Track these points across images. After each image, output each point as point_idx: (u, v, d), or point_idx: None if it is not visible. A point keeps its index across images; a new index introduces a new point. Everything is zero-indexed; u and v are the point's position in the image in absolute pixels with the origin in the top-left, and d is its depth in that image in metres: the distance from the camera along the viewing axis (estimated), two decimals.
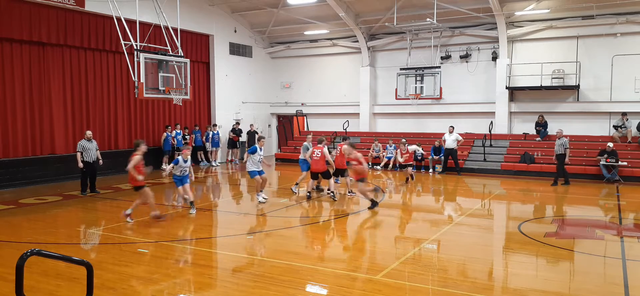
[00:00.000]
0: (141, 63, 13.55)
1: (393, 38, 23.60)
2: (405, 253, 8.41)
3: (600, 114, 19.72)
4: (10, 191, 14.83)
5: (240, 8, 23.39)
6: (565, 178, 16.20)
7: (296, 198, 13.73)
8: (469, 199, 14.97)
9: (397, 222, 11.57)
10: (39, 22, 16.10)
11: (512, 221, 11.82)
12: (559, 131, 16.42)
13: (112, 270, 7.34)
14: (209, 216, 11.71)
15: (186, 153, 11.46)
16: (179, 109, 21.09)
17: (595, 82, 19.76)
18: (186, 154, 11.39)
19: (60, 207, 12.59)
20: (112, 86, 19.06)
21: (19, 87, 16.03)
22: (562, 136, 16.06)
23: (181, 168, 11.31)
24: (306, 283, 6.94)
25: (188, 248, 8.95)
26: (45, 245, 8.78)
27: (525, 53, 20.95)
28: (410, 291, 6.57)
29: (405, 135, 21.83)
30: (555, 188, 15.84)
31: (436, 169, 19.74)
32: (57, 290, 6.59)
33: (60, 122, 17.24)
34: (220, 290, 6.83)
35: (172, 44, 15.15)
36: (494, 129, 20.75)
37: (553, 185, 16.07)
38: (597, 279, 7.36)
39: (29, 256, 3.72)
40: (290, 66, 26.78)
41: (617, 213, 12.30)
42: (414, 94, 21.33)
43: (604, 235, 9.98)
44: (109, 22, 16.02)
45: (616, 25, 19.14)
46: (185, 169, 11.36)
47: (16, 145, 16.03)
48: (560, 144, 15.96)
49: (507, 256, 8.71)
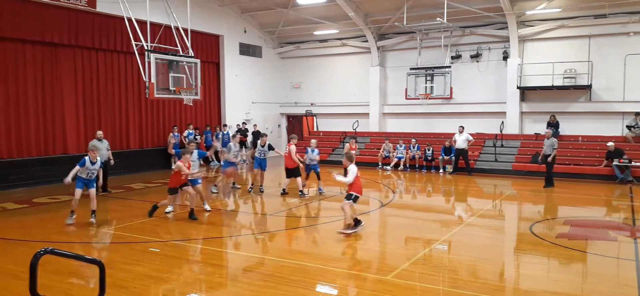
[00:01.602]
0: (152, 63, 13.62)
1: (403, 38, 23.53)
2: (416, 254, 8.38)
3: (612, 114, 19.52)
4: (23, 190, 14.99)
5: (250, 8, 23.45)
6: (549, 179, 15.80)
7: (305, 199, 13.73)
8: (479, 199, 14.87)
9: (408, 222, 11.53)
10: (51, 23, 16.25)
11: (524, 222, 11.74)
12: (547, 131, 16.45)
13: (123, 269, 7.39)
14: (219, 216, 11.74)
15: (94, 155, 10.44)
16: (189, 109, 21.18)
17: (607, 82, 19.56)
18: (94, 157, 10.43)
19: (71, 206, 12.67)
20: (123, 86, 19.20)
21: (31, 88, 16.20)
22: (552, 137, 15.91)
23: (88, 171, 10.38)
24: (316, 283, 6.94)
25: (199, 248, 8.99)
26: (58, 244, 8.87)
27: (536, 53, 20.78)
28: (421, 292, 6.55)
29: (415, 135, 21.79)
30: (551, 189, 15.50)
31: (447, 170, 19.65)
32: (70, 288, 6.65)
33: (72, 122, 17.40)
34: (231, 290, 6.84)
35: (182, 45, 15.22)
36: (505, 129, 20.60)
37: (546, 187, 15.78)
38: (609, 281, 7.28)
39: (42, 255, 3.75)
40: (300, 66, 26.80)
41: (631, 214, 12.16)
42: (424, 94, 21.27)
43: (617, 236, 9.88)
44: (120, 23, 16.10)
45: (629, 25, 18.93)
46: (93, 172, 10.50)
47: (29, 145, 16.20)
48: (549, 144, 15.75)
49: (519, 257, 8.65)
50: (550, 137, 15.86)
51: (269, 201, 13.63)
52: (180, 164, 10.63)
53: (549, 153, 15.59)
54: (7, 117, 15.63)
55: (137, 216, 11.23)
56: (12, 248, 8.87)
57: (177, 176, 10.72)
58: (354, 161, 9.79)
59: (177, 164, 10.75)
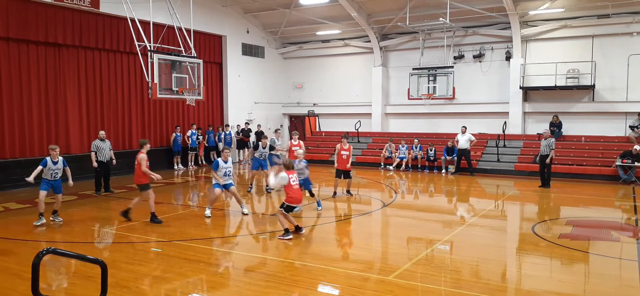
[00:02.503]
0: (155, 64, 13.66)
1: (405, 38, 23.51)
2: (418, 254, 8.38)
3: (616, 114, 19.45)
4: (26, 190, 15.03)
5: (253, 9, 23.47)
6: (547, 180, 15.79)
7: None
8: (482, 200, 14.85)
9: (410, 223, 11.52)
10: (55, 23, 16.31)
11: (526, 222, 11.71)
12: (546, 131, 16.45)
13: (125, 269, 7.41)
14: (221, 216, 11.76)
15: (55, 154, 10.25)
16: (192, 110, 21.22)
17: (610, 82, 19.50)
18: (55, 156, 10.29)
19: (74, 206, 12.74)
20: (126, 86, 19.25)
21: (35, 88, 16.25)
22: (549, 137, 15.86)
23: (51, 171, 10.23)
24: (318, 283, 6.94)
25: (201, 248, 9.00)
26: (60, 244, 8.91)
27: (539, 53, 20.73)
28: (423, 292, 6.54)
29: (418, 135, 21.77)
30: (547, 189, 15.49)
31: (449, 170, 19.63)
32: (72, 288, 6.67)
33: (75, 122, 17.45)
34: (233, 290, 6.85)
35: (185, 45, 15.26)
36: (508, 130, 20.57)
37: (541, 187, 15.77)
38: (612, 281, 7.27)
39: (44, 254, 3.77)
40: (302, 66, 26.81)
41: (634, 215, 12.13)
42: (426, 94, 21.25)
43: (619, 237, 9.85)
44: (123, 23, 16.17)
45: (632, 24, 18.86)
46: (56, 172, 10.33)
47: (32, 145, 16.26)
48: (546, 144, 15.70)
49: (521, 257, 8.63)
50: (548, 137, 15.83)
51: (269, 201, 13.63)
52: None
53: (547, 153, 15.56)
54: (11, 117, 15.69)
55: (139, 216, 11.24)
56: (15, 247, 8.91)
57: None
58: (292, 168, 9.58)
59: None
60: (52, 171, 10.28)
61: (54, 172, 10.31)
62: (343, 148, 13.71)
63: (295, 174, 9.55)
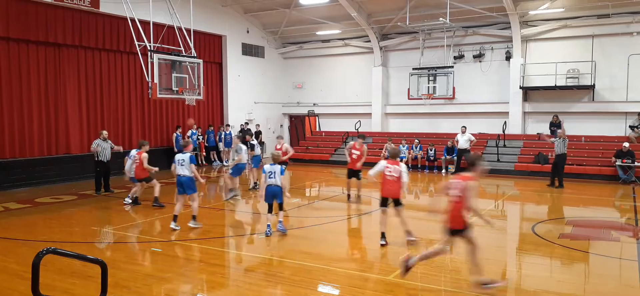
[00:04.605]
0: (155, 64, 13.66)
1: (405, 38, 23.51)
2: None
3: (615, 114, 19.46)
4: (26, 190, 15.04)
5: (253, 9, 23.48)
6: (561, 179, 15.84)
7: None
8: (482, 199, 14.81)
9: (410, 222, 11.48)
10: (55, 23, 16.30)
11: (526, 222, 11.71)
12: (561, 130, 16.38)
13: (125, 269, 7.41)
14: (221, 216, 11.76)
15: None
16: (192, 110, 21.22)
17: (610, 82, 19.50)
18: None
19: (75, 206, 12.75)
20: (126, 86, 19.25)
21: (35, 88, 16.25)
22: (565, 137, 15.83)
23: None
24: (318, 283, 6.94)
25: (201, 247, 9.00)
26: (60, 244, 8.90)
27: (539, 53, 20.74)
28: (423, 292, 6.55)
29: (418, 135, 21.77)
30: (560, 189, 15.52)
31: (449, 170, 19.63)
32: (72, 287, 6.67)
33: (75, 122, 17.45)
34: (233, 289, 6.85)
35: (185, 45, 15.25)
36: (508, 130, 20.57)
37: (550, 186, 15.79)
38: (612, 281, 7.27)
39: (44, 254, 3.77)
40: (302, 66, 26.81)
41: (633, 215, 12.12)
42: (426, 94, 21.24)
43: (619, 237, 9.85)
44: (123, 23, 16.16)
45: (632, 24, 18.87)
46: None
47: (32, 145, 16.25)
48: (563, 144, 15.62)
49: (521, 257, 8.64)
50: (564, 137, 15.71)
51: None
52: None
53: (565, 152, 15.53)
54: (11, 117, 15.69)
55: (139, 215, 11.25)
56: (15, 247, 8.91)
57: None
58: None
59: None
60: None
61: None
62: (355, 147, 13.26)
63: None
